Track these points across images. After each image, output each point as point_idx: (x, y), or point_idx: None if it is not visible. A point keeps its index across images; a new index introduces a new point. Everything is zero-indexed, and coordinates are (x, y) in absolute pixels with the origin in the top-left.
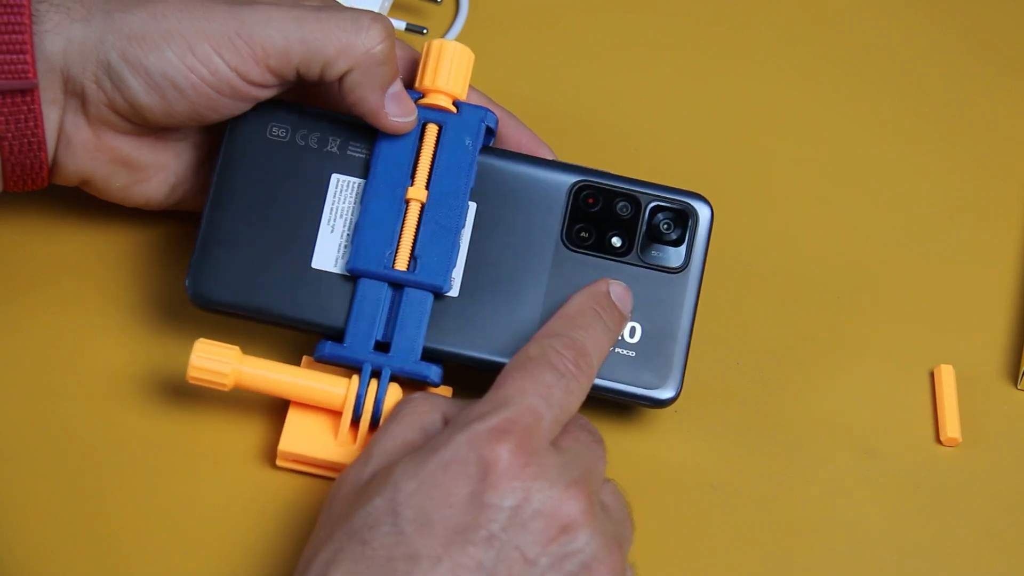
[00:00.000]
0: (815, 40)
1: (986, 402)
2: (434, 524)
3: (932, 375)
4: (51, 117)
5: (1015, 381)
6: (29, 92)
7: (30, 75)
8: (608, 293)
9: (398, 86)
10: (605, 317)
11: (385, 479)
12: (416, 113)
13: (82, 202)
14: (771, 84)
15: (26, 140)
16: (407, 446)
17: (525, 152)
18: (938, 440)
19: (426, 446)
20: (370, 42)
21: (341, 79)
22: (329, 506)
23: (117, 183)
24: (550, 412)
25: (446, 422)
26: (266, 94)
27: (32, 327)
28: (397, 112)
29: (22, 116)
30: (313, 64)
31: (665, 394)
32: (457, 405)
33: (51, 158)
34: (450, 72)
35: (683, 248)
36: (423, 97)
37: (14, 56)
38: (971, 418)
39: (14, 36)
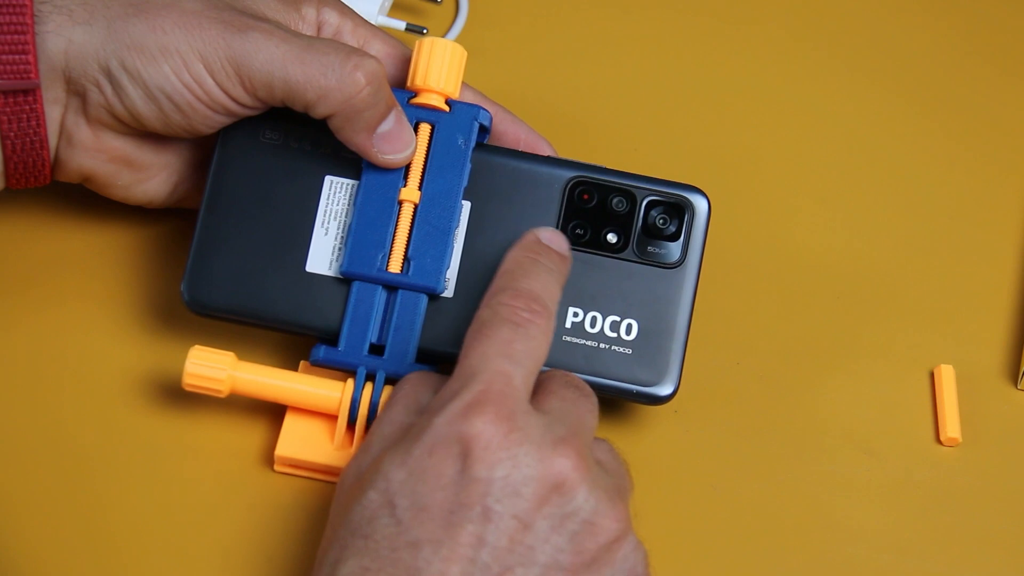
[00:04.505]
0: (815, 37)
1: (986, 402)
2: (429, 508)
3: (932, 375)
4: (53, 116)
5: (1015, 381)
6: (31, 92)
7: (32, 75)
8: (538, 239)
9: (391, 123)
10: (544, 260)
11: (375, 471)
12: (414, 145)
13: (83, 200)
14: (770, 81)
15: (28, 139)
16: (405, 428)
17: (524, 147)
18: (938, 440)
19: (409, 434)
20: (352, 89)
21: (327, 119)
22: (335, 501)
23: (119, 182)
24: (518, 368)
25: None
26: (260, 112)
27: (31, 325)
28: (388, 150)
29: (24, 115)
30: (296, 103)
31: (663, 391)
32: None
33: (53, 156)
34: (442, 70)
35: (680, 243)
36: (415, 96)
37: (16, 56)
38: (971, 418)
39: (16, 37)
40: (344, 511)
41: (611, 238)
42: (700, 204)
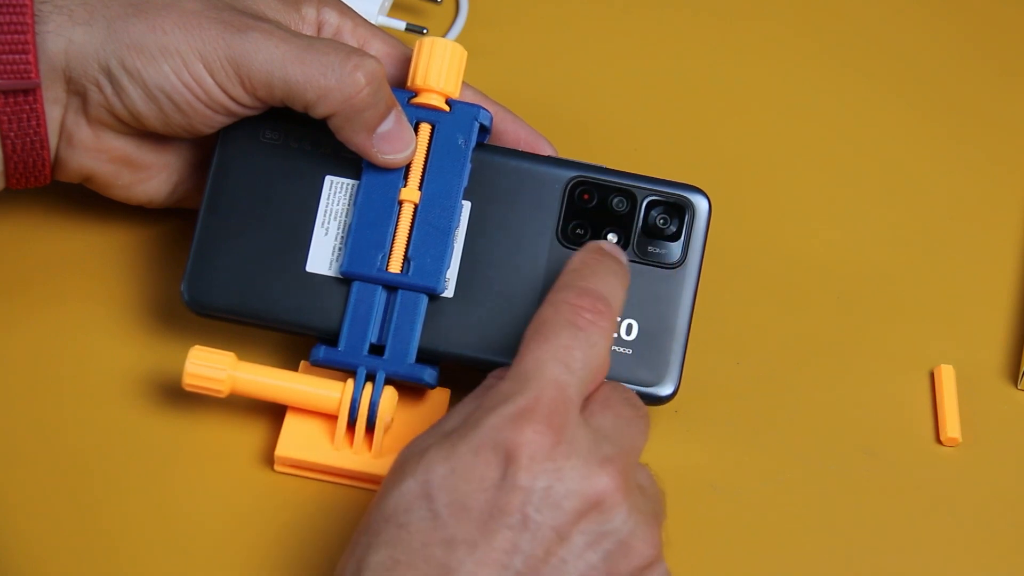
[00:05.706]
0: (816, 36)
1: (986, 402)
2: (469, 509)
3: (932, 375)
4: (53, 116)
5: (1015, 381)
6: (32, 92)
7: (32, 75)
8: (601, 246)
9: (391, 123)
10: (609, 262)
11: (418, 461)
12: (414, 145)
13: (83, 200)
14: (771, 81)
15: (28, 139)
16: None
17: (524, 146)
18: (938, 440)
19: (457, 431)
20: (351, 89)
21: (327, 119)
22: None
23: (120, 182)
24: (574, 377)
25: None
26: (260, 112)
27: (32, 325)
28: (388, 150)
29: (24, 115)
30: (296, 103)
31: (663, 391)
32: None
33: (53, 156)
34: (442, 70)
35: (680, 243)
36: (415, 96)
37: (17, 56)
38: (971, 418)
39: (17, 36)
40: (382, 495)
41: (611, 238)
42: (701, 204)
